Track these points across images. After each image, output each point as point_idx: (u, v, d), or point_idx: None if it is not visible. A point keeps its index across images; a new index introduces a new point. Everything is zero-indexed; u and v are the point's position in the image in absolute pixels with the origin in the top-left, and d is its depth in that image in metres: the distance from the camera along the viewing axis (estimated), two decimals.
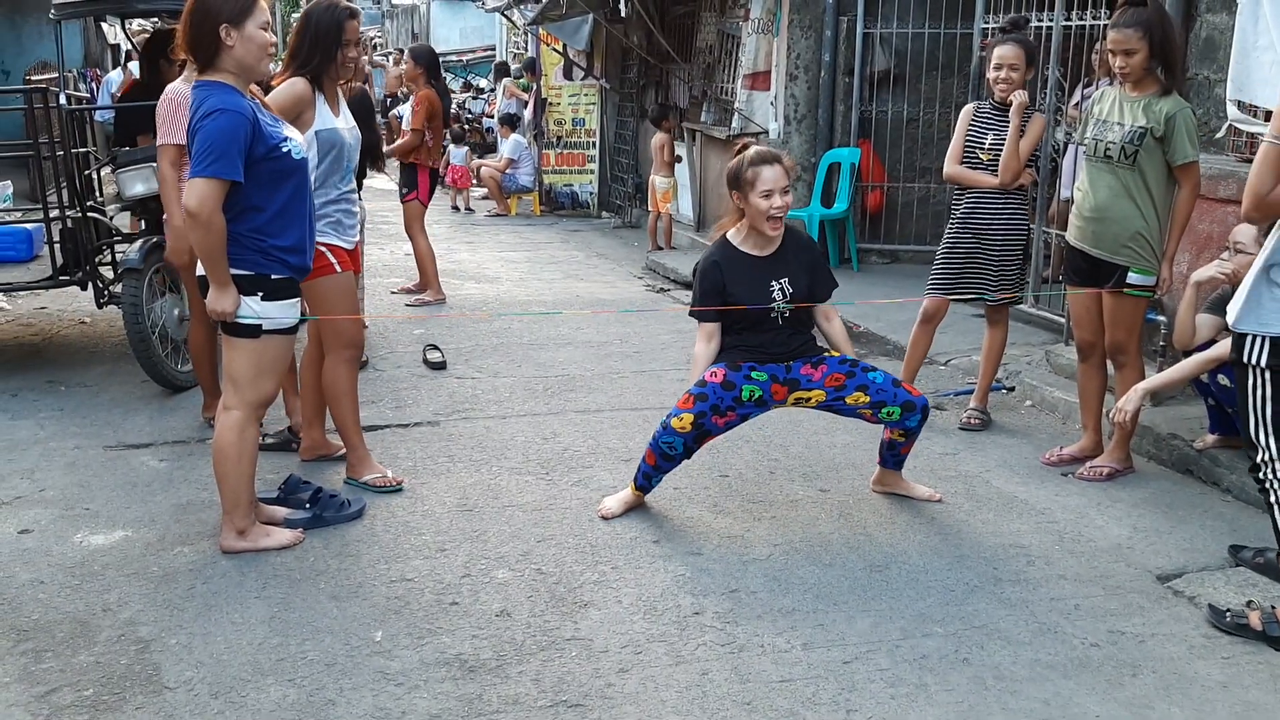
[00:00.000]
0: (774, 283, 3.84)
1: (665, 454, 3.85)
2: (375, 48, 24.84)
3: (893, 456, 4.07)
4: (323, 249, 3.92)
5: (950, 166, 5.06)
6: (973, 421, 5.03)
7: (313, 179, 3.78)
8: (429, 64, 7.83)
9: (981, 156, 4.94)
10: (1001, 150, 4.86)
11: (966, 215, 4.99)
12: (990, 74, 4.94)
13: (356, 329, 4.16)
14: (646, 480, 3.96)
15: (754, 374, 3.81)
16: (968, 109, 5.12)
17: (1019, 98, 4.81)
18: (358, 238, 4.23)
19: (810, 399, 3.87)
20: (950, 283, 5.04)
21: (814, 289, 3.93)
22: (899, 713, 2.79)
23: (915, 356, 5.16)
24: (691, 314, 3.96)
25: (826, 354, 3.90)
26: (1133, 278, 4.21)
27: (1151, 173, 4.14)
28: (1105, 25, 5.98)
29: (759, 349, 3.83)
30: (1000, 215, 4.93)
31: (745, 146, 3.90)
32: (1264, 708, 2.84)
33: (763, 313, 3.82)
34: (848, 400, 3.85)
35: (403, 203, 7.71)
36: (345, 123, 4.06)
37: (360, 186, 5.08)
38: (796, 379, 3.83)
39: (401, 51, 18.65)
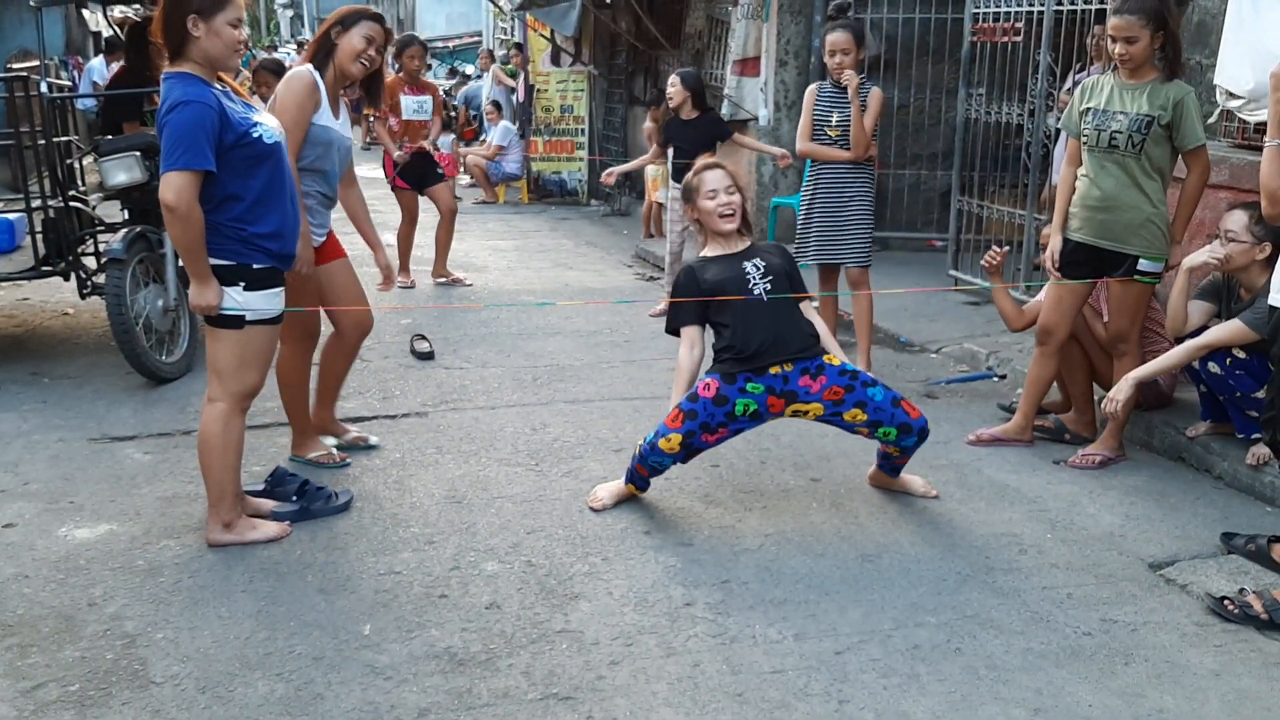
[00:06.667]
0: (746, 263, 3.81)
1: (655, 469, 3.82)
2: None
3: (888, 464, 3.99)
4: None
5: (802, 143, 5.57)
6: None
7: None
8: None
9: (829, 133, 5.44)
10: (848, 126, 5.36)
11: (820, 186, 5.50)
12: (826, 60, 5.36)
13: (312, 320, 4.24)
14: (644, 482, 3.93)
15: (749, 385, 3.65)
16: (811, 89, 5.60)
17: (852, 79, 5.29)
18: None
19: (808, 412, 3.72)
20: (809, 250, 5.53)
21: (793, 281, 3.87)
22: (891, 703, 2.77)
23: (828, 317, 5.37)
24: (668, 331, 3.94)
25: (826, 359, 3.75)
26: (1142, 264, 4.19)
27: (1157, 159, 4.13)
28: (1097, 9, 5.99)
29: (752, 349, 3.65)
30: (852, 185, 5.45)
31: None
32: (1256, 695, 2.83)
33: (744, 292, 3.74)
34: (845, 416, 3.72)
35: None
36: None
37: None
38: (794, 390, 3.67)
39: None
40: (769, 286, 3.76)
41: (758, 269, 3.79)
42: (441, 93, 9.15)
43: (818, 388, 3.68)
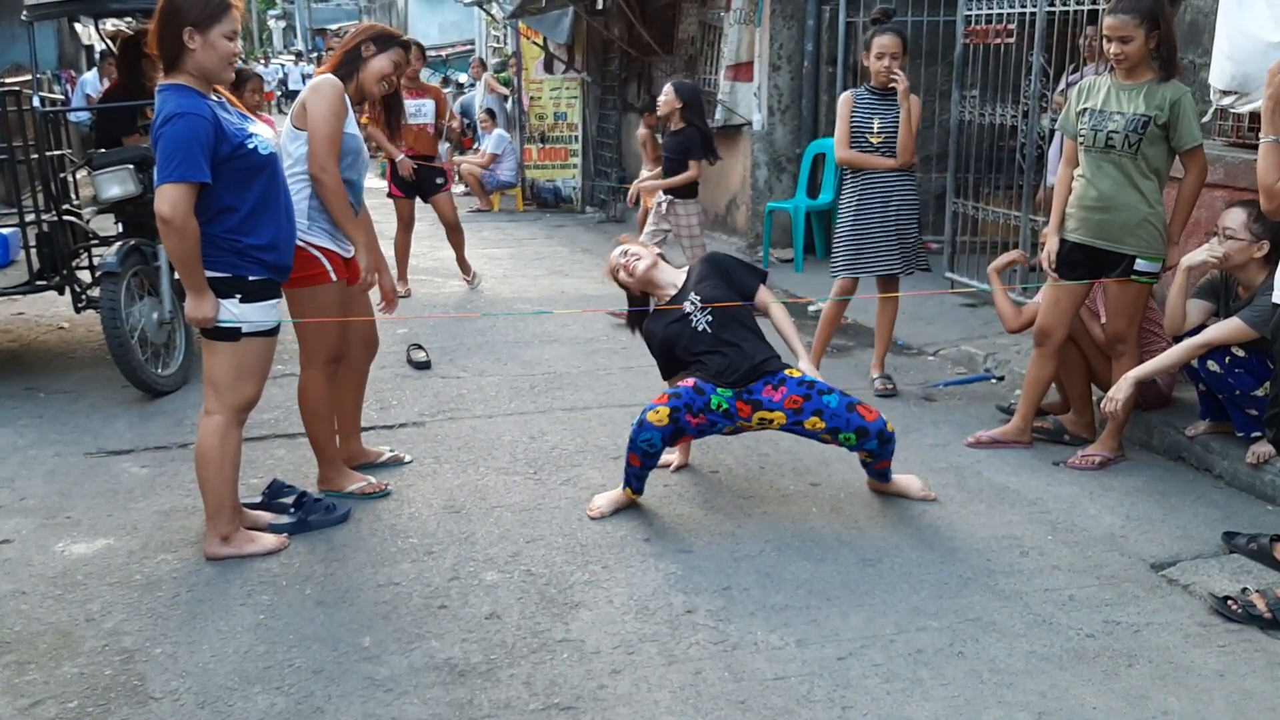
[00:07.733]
0: (685, 302, 4.03)
1: (646, 453, 3.82)
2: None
3: (870, 469, 4.01)
4: (317, 254, 3.84)
5: (843, 151, 5.31)
6: (886, 387, 5.34)
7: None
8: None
9: (871, 140, 5.24)
10: (890, 133, 5.19)
11: (865, 195, 5.27)
12: (872, 63, 5.19)
13: (339, 342, 4.00)
14: (638, 482, 3.93)
15: (719, 390, 3.86)
16: (846, 96, 5.35)
17: (904, 83, 5.13)
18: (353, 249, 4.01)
19: (773, 420, 3.84)
20: (862, 261, 5.32)
21: (738, 288, 4.05)
22: (894, 708, 2.76)
23: (827, 332, 5.51)
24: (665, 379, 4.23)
25: (787, 373, 3.87)
26: (1140, 264, 4.19)
27: (1153, 159, 4.13)
28: (1089, 10, 6.00)
29: (711, 373, 3.87)
30: (900, 193, 5.27)
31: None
32: (1261, 696, 2.82)
33: (689, 333, 3.96)
34: (805, 425, 3.81)
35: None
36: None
37: None
38: (759, 399, 3.83)
39: None
40: (710, 320, 3.95)
41: (695, 305, 4.00)
42: (448, 98, 9.17)
43: (779, 397, 3.83)
